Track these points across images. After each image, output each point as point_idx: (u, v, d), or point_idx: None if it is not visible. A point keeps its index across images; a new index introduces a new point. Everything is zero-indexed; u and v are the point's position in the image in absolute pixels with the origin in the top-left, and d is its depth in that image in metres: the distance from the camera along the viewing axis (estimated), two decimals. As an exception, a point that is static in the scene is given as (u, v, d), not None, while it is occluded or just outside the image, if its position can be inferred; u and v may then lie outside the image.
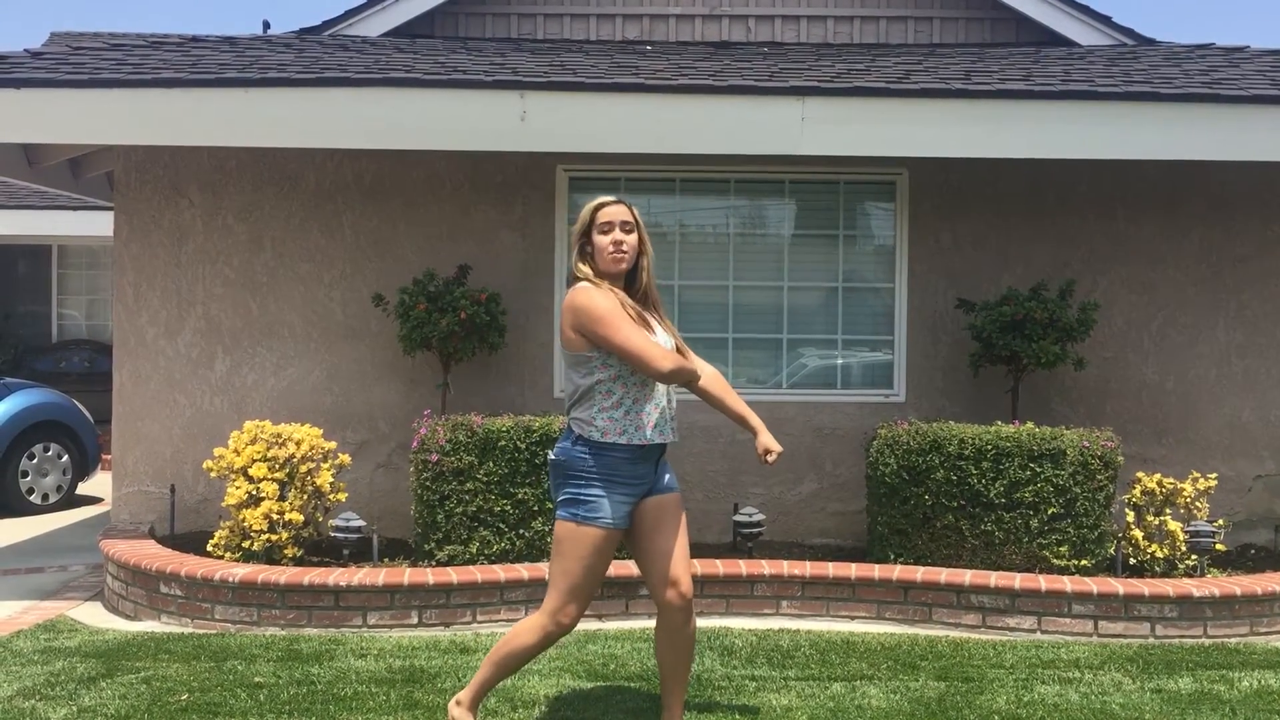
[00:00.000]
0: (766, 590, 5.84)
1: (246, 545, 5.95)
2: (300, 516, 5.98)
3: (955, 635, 5.56)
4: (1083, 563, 5.86)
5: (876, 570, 5.82)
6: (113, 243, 7.19)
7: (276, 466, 6.05)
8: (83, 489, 10.21)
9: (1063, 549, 5.84)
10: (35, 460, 9.61)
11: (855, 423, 6.99)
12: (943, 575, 5.73)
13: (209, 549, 6.08)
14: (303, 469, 6.08)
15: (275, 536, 5.92)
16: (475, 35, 8.21)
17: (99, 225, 12.07)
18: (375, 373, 7.03)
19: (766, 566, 5.90)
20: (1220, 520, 6.37)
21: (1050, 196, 7.10)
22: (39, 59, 6.64)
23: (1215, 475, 6.39)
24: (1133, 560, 6.10)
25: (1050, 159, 6.61)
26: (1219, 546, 6.15)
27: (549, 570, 3.84)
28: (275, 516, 5.91)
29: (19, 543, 8.14)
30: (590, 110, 6.21)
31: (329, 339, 7.04)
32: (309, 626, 5.50)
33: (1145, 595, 5.53)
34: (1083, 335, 6.56)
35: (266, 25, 9.70)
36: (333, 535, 6.11)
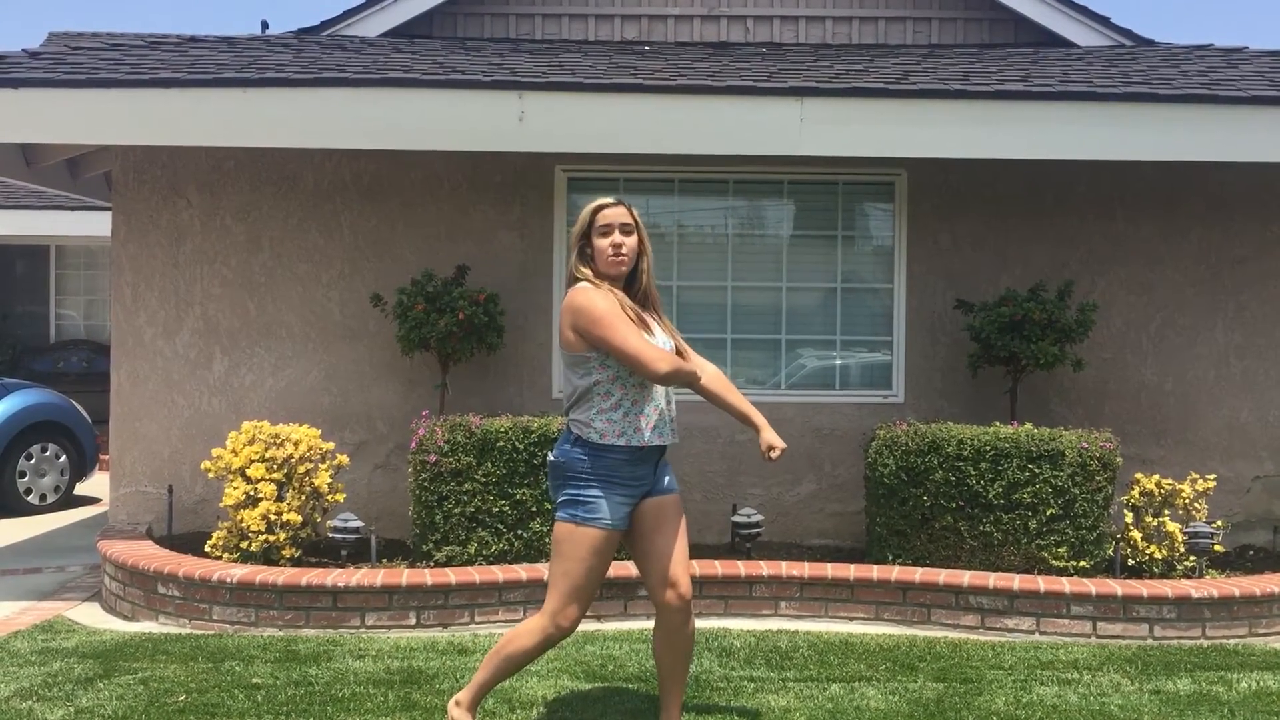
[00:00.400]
0: (765, 591, 5.84)
1: (244, 546, 5.95)
2: (298, 517, 5.97)
3: (954, 636, 5.56)
4: (1081, 564, 5.86)
5: (875, 571, 5.81)
6: (111, 243, 7.18)
7: (274, 467, 6.04)
8: (80, 489, 10.20)
9: (1061, 550, 5.84)
10: (33, 461, 9.59)
11: (854, 423, 6.99)
12: (941, 576, 5.73)
13: (207, 549, 6.07)
14: (301, 469, 6.08)
15: (273, 537, 5.92)
16: (473, 35, 8.20)
17: (97, 225, 12.06)
18: (373, 373, 7.02)
19: (765, 567, 5.89)
20: (1219, 521, 6.38)
21: (1049, 197, 7.10)
22: (37, 59, 6.63)
23: (1214, 476, 6.39)
24: (1131, 561, 6.10)
25: (1049, 160, 6.61)
26: (1217, 548, 6.15)
27: (549, 572, 3.83)
28: (273, 517, 5.90)
29: (17, 543, 8.13)
30: (588, 111, 6.20)
31: (327, 339, 7.03)
32: (307, 627, 5.50)
33: (1144, 596, 5.53)
34: (1081, 336, 6.56)
35: (265, 25, 9.72)
36: (331, 536, 6.10)
